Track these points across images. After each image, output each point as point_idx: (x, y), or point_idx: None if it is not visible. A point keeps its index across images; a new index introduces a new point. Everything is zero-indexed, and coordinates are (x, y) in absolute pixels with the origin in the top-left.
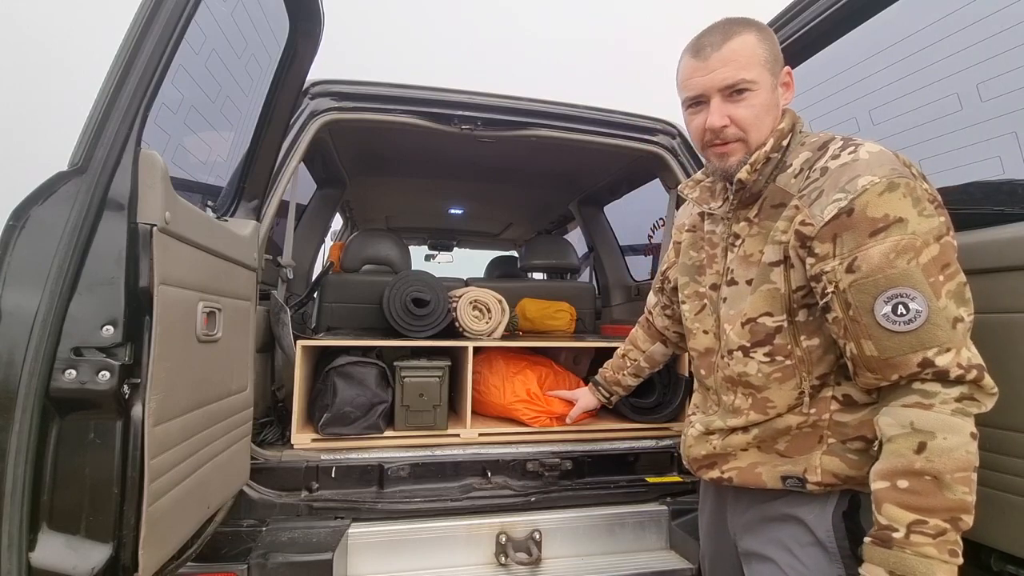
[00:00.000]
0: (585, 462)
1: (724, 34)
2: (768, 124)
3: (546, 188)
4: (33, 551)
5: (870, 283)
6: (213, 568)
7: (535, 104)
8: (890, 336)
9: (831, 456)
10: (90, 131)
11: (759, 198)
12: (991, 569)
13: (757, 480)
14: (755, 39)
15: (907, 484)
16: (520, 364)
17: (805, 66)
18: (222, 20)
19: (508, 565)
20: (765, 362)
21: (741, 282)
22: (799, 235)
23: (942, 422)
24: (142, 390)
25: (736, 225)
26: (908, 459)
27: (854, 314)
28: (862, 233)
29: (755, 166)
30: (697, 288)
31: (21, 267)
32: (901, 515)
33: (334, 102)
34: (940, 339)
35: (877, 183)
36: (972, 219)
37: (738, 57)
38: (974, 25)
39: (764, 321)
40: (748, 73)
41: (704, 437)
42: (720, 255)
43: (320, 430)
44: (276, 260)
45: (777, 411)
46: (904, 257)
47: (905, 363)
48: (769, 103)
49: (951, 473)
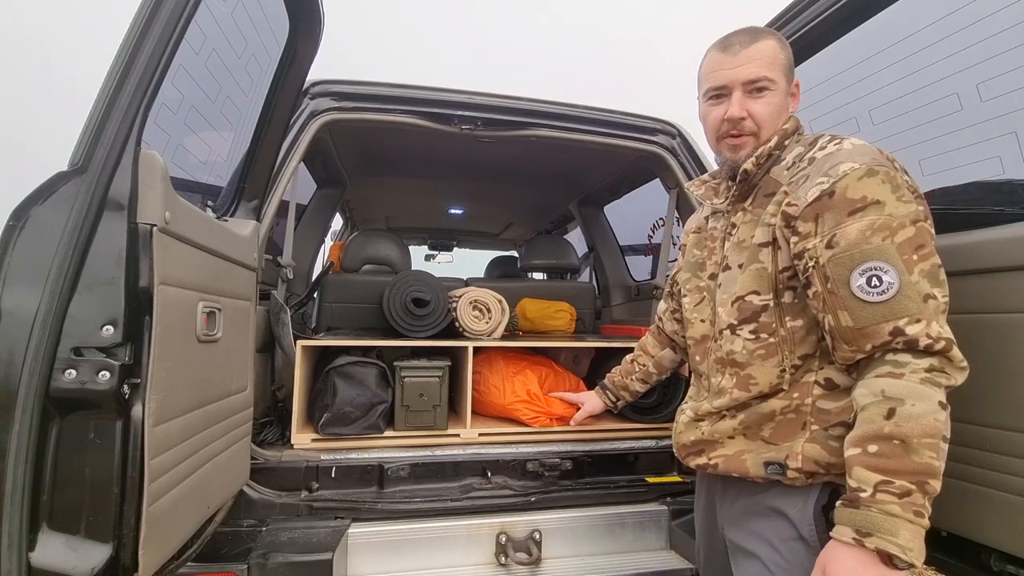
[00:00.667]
0: (585, 462)
1: (752, 36)
2: (778, 124)
3: (546, 188)
4: (33, 551)
5: (847, 257)
6: (213, 568)
7: (535, 104)
8: (864, 306)
9: (813, 443)
10: (90, 131)
11: (754, 190)
12: (991, 569)
13: (742, 467)
14: (778, 46)
15: (876, 448)
16: (520, 364)
17: (805, 66)
18: (222, 20)
19: (508, 565)
20: (750, 339)
21: (734, 266)
22: (785, 216)
23: (911, 389)
24: (142, 390)
25: (734, 216)
26: (878, 424)
27: (831, 287)
28: (841, 212)
29: (759, 159)
30: (698, 282)
31: (21, 267)
32: (869, 476)
33: (334, 102)
34: (910, 309)
35: (858, 168)
36: (972, 219)
37: (763, 56)
38: (974, 25)
39: (751, 299)
40: (770, 72)
41: (694, 424)
42: (719, 247)
43: (320, 430)
44: (276, 260)
45: (759, 388)
46: (880, 234)
47: (877, 332)
48: (782, 105)
49: (918, 438)
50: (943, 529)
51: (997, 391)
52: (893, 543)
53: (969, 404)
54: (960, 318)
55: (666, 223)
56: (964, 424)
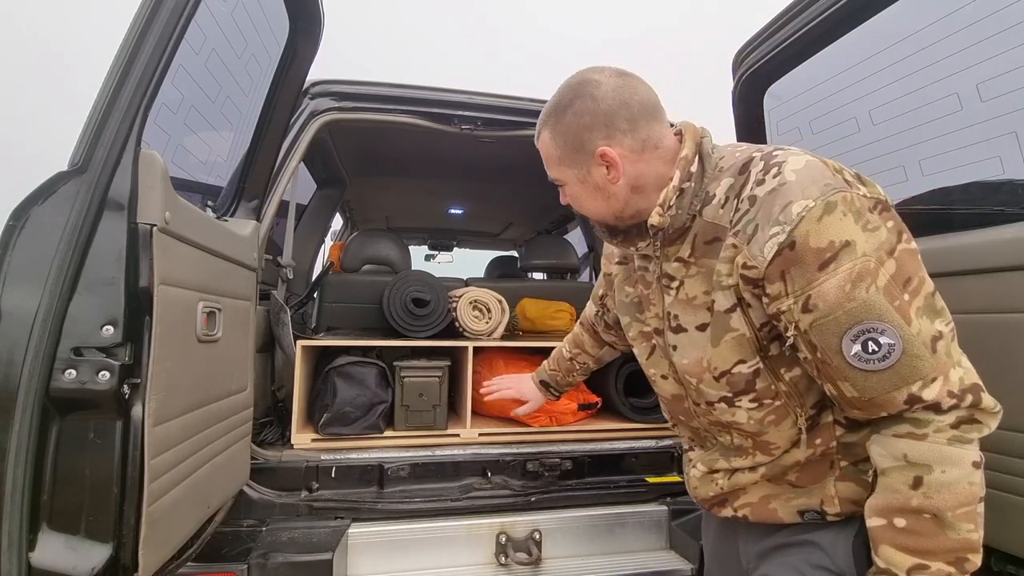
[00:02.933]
0: (585, 462)
1: (536, 132)
2: (597, 205)
3: (546, 188)
4: (33, 551)
5: (831, 322)
6: (213, 568)
7: (535, 104)
8: (866, 376)
9: (845, 482)
10: (90, 131)
11: (686, 233)
12: (991, 569)
13: (772, 516)
14: (548, 138)
15: (905, 523)
16: (520, 365)
17: (805, 66)
18: (222, 20)
19: (508, 565)
20: (753, 408)
21: (691, 328)
22: (746, 279)
23: (938, 453)
24: (142, 390)
25: (667, 264)
26: (904, 495)
27: (823, 356)
28: (810, 267)
29: (665, 205)
30: (641, 328)
31: (21, 267)
32: (900, 559)
33: (334, 102)
34: (922, 371)
35: (812, 207)
36: (972, 219)
37: (543, 158)
38: (974, 25)
39: (739, 370)
40: (552, 173)
41: (709, 476)
42: (656, 296)
43: (320, 430)
44: (276, 260)
45: (781, 449)
46: (861, 285)
47: (890, 401)
48: (585, 191)
49: (952, 510)
50: None
51: (997, 391)
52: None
53: None
54: (960, 318)
55: None
56: None
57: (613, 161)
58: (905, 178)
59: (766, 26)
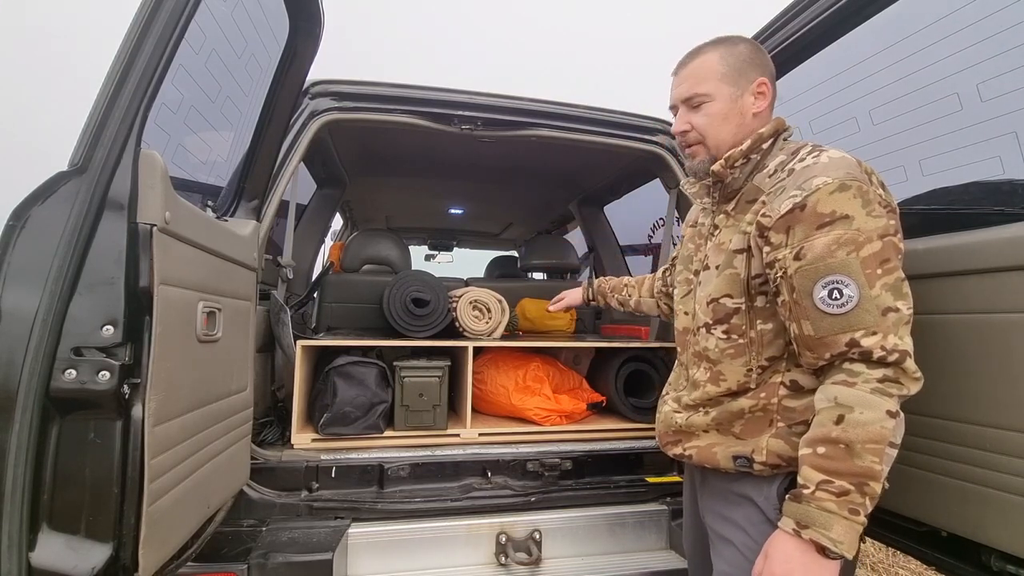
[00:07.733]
0: (585, 462)
1: (691, 55)
2: (728, 129)
3: (546, 188)
4: (33, 551)
5: (812, 269)
6: (213, 568)
7: (535, 104)
8: (824, 317)
9: (777, 439)
10: (90, 131)
11: (738, 194)
12: (991, 569)
13: (712, 459)
14: (716, 57)
15: (824, 450)
16: (530, 364)
17: (805, 66)
18: (222, 20)
19: (508, 565)
20: (722, 338)
21: (712, 267)
22: (759, 226)
23: (861, 398)
24: (142, 390)
25: (717, 217)
26: (827, 428)
27: (797, 297)
28: (811, 225)
29: (730, 161)
30: (687, 275)
31: (21, 267)
32: (813, 475)
33: (334, 102)
34: (867, 322)
35: (830, 183)
36: (972, 219)
37: (695, 74)
38: (974, 25)
39: (725, 302)
40: (702, 87)
41: (672, 415)
42: (704, 244)
43: (320, 430)
44: (276, 260)
45: (728, 385)
46: (844, 249)
47: (835, 342)
48: (727, 111)
49: (863, 443)
50: (943, 529)
51: (997, 391)
52: (826, 536)
53: (969, 404)
54: (960, 318)
55: (666, 223)
56: (964, 424)
57: (765, 93)
58: (905, 178)
59: (766, 26)
